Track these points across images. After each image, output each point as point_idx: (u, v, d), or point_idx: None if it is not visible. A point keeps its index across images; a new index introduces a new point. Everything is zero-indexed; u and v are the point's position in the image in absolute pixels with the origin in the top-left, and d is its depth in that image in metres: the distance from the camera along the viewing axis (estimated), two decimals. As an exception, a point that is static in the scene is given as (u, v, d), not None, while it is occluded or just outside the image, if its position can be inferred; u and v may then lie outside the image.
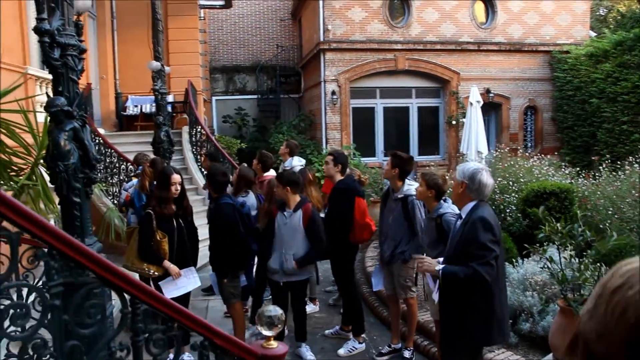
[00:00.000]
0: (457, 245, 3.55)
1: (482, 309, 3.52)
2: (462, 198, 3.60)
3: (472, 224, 3.44)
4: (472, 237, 3.43)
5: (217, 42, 21.43)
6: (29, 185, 4.43)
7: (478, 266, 3.36)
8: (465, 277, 3.41)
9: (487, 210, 3.58)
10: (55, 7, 3.45)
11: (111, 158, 9.72)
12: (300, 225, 4.94)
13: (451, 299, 3.60)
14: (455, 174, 3.69)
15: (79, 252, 1.77)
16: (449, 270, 3.49)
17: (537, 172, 8.34)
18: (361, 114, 16.53)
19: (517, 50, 16.62)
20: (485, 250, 3.40)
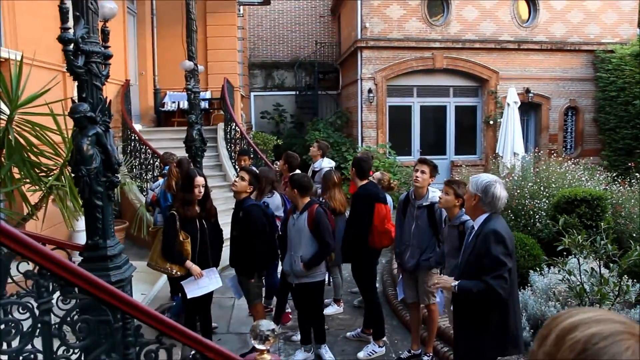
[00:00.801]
0: (470, 258, 3.53)
1: (496, 323, 3.49)
2: (475, 210, 3.57)
3: (485, 237, 3.41)
4: (484, 251, 3.40)
5: (256, 38, 21.61)
6: (57, 185, 4.59)
7: (491, 280, 3.34)
8: (479, 292, 3.39)
9: (500, 223, 3.53)
10: (80, 16, 3.57)
11: (145, 154, 9.94)
12: (306, 226, 4.97)
13: (465, 313, 3.59)
14: (468, 186, 3.65)
15: (68, 271, 1.83)
16: (464, 286, 3.48)
17: (570, 177, 8.14)
18: (398, 112, 16.45)
19: (558, 50, 16.22)
20: (498, 264, 3.36)
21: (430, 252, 5.00)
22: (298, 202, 5.10)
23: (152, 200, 6.56)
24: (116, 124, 11.26)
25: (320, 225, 4.98)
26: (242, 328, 6.03)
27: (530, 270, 5.90)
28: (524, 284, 5.94)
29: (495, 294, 3.35)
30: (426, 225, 5.00)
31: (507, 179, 8.44)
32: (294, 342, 5.78)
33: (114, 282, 3.77)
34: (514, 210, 7.64)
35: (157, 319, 2.05)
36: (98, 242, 3.80)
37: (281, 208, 6.16)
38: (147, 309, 2.06)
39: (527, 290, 5.65)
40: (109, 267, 3.80)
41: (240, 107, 16.17)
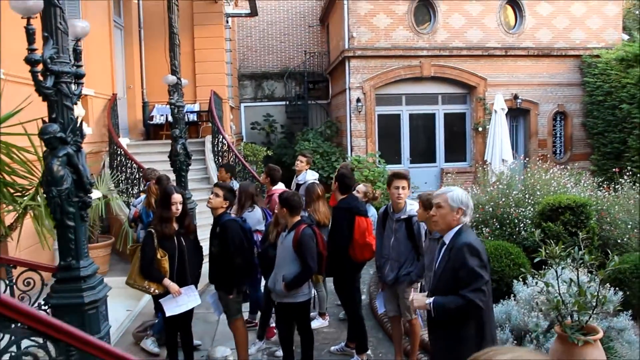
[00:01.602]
0: (444, 273, 3.46)
1: (473, 334, 3.43)
2: (450, 224, 3.49)
3: (459, 251, 3.36)
4: (459, 265, 3.34)
5: (245, 49, 21.64)
6: (32, 205, 4.56)
7: (470, 294, 3.28)
8: (458, 308, 3.33)
9: (472, 235, 3.51)
10: (48, 37, 3.54)
11: (131, 169, 9.91)
12: (291, 247, 4.86)
13: (441, 329, 3.53)
14: (441, 201, 3.51)
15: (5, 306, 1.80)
16: (440, 303, 3.39)
17: (555, 184, 8.15)
18: (387, 120, 16.46)
19: (545, 55, 16.28)
20: (476, 277, 3.31)
21: (410, 265, 4.97)
22: (287, 221, 5.00)
23: (135, 217, 6.53)
24: (103, 138, 11.25)
25: (303, 247, 4.81)
26: (226, 344, 5.94)
27: (514, 280, 5.87)
28: (508, 294, 5.92)
29: (475, 308, 3.31)
30: (405, 238, 4.98)
31: (491, 187, 8.44)
32: (277, 358, 5.74)
33: (87, 302, 3.76)
34: (499, 218, 7.65)
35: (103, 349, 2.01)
36: (71, 263, 3.78)
37: (262, 222, 6.12)
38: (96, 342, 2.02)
39: (510, 301, 5.63)
40: (82, 287, 3.77)
41: (230, 119, 16.17)
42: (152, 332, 5.86)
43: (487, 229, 7.57)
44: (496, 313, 5.47)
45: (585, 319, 3.98)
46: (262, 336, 6.08)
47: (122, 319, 6.67)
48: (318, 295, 6.63)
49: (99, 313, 3.90)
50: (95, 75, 11.05)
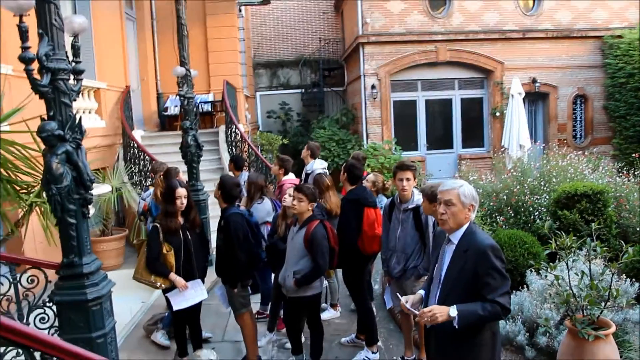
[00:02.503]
0: (460, 278, 3.16)
1: (489, 341, 3.26)
2: (460, 222, 3.20)
3: (482, 254, 3.09)
4: (484, 269, 3.08)
5: (260, 38, 21.54)
6: (37, 202, 4.56)
7: (500, 299, 3.07)
8: (490, 315, 3.07)
9: (485, 233, 3.30)
10: (43, 34, 3.50)
11: (144, 161, 9.93)
12: (302, 243, 4.80)
13: (454, 336, 3.16)
14: (452, 198, 3.19)
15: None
16: (468, 311, 3.06)
17: (572, 170, 7.97)
18: (402, 107, 16.31)
19: (565, 37, 15.93)
20: (504, 281, 3.13)
21: (417, 258, 4.87)
22: (303, 211, 4.87)
23: (144, 210, 6.52)
24: (117, 131, 11.28)
25: (314, 245, 4.75)
26: (237, 336, 5.95)
27: (528, 271, 5.75)
28: (522, 284, 5.81)
29: (506, 312, 3.13)
30: (412, 229, 4.88)
31: (506, 174, 8.29)
32: (287, 350, 5.71)
33: (90, 299, 3.75)
34: (514, 206, 7.51)
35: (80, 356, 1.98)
36: (73, 260, 3.77)
37: (272, 214, 6.08)
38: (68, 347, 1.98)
39: (523, 291, 5.53)
40: (86, 284, 3.76)
41: (245, 108, 16.14)
42: (162, 325, 5.87)
43: (502, 217, 7.44)
44: (508, 304, 5.38)
45: (597, 313, 3.86)
46: (272, 328, 6.05)
47: (136, 311, 6.70)
48: (330, 286, 6.59)
49: (103, 309, 3.89)
50: (107, 68, 11.08)
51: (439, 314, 3.05)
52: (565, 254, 4.00)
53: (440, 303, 3.17)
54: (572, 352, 3.82)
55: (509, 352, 5.03)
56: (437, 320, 3.05)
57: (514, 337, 5.01)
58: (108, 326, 3.92)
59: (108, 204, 8.70)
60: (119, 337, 5.46)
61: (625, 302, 3.97)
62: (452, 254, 3.24)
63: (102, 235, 8.97)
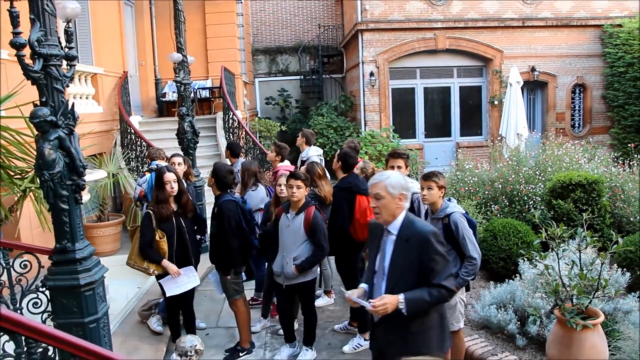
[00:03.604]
0: (403, 267, 3.17)
1: (437, 326, 3.30)
2: (395, 212, 3.20)
3: (424, 241, 3.12)
4: (428, 256, 3.11)
5: (259, 24, 21.42)
6: (31, 188, 4.57)
7: (445, 282, 3.11)
8: (436, 299, 3.12)
9: (422, 220, 3.33)
10: (35, 19, 3.49)
11: (141, 147, 9.93)
12: (302, 229, 4.84)
13: (402, 322, 3.17)
14: (380, 191, 3.18)
15: None
16: (415, 298, 3.09)
17: (568, 159, 7.98)
18: (401, 94, 16.28)
19: (565, 26, 15.84)
20: (447, 264, 3.17)
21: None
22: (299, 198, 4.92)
23: (140, 196, 6.53)
24: (114, 116, 11.27)
25: (317, 229, 4.84)
26: (231, 322, 5.98)
27: (520, 260, 5.79)
28: (515, 273, 5.85)
29: (451, 294, 3.20)
30: None
31: (501, 163, 8.30)
32: (280, 336, 5.75)
33: (82, 284, 3.77)
34: (509, 195, 7.52)
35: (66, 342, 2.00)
36: (66, 246, 3.79)
37: (266, 200, 6.09)
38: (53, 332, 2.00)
39: (516, 280, 5.57)
40: (78, 270, 3.79)
41: (244, 94, 16.10)
42: (157, 311, 5.91)
43: (496, 206, 7.46)
44: (500, 293, 5.43)
45: (585, 302, 3.89)
46: (266, 314, 6.09)
47: (131, 297, 6.74)
48: (323, 273, 6.61)
49: (96, 294, 3.91)
50: (105, 53, 11.04)
51: (389, 304, 3.06)
52: (555, 244, 4.02)
53: (388, 293, 3.16)
54: (560, 341, 3.86)
55: (500, 341, 5.07)
56: (388, 311, 3.05)
57: (505, 326, 5.05)
58: (101, 311, 3.95)
59: (105, 189, 8.71)
60: (113, 323, 5.50)
61: (615, 292, 3.99)
62: (394, 244, 3.23)
63: (99, 221, 8.99)
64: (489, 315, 5.21)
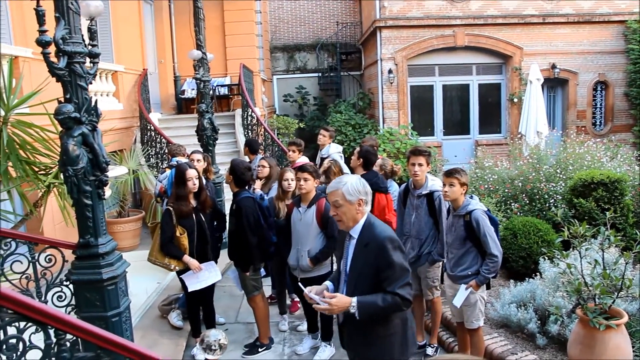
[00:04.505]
0: (363, 271, 3.12)
1: (399, 334, 3.26)
2: (356, 217, 3.14)
3: (381, 247, 3.05)
4: (384, 261, 3.04)
5: (277, 21, 21.45)
6: (55, 184, 4.63)
7: (400, 290, 3.04)
8: (388, 306, 3.05)
9: (384, 226, 3.23)
10: (60, 17, 3.54)
11: (161, 144, 10.01)
12: (314, 221, 4.88)
13: (363, 328, 3.17)
14: (338, 199, 3.09)
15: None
16: (367, 302, 3.03)
17: (589, 158, 7.88)
18: (419, 92, 16.20)
19: (587, 22, 15.61)
20: (404, 272, 3.09)
21: (431, 243, 4.89)
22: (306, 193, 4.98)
23: (161, 192, 6.58)
24: (134, 113, 11.37)
25: (331, 220, 4.84)
26: (249, 318, 6.02)
27: (541, 258, 5.74)
28: (535, 272, 5.80)
29: (407, 303, 3.11)
30: (426, 215, 4.89)
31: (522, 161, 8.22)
32: (299, 332, 5.78)
33: (105, 279, 3.82)
34: (529, 193, 7.46)
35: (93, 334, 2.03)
36: (89, 241, 3.84)
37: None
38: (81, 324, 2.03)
39: (536, 279, 5.52)
40: (101, 264, 3.84)
41: (262, 91, 16.15)
42: (177, 306, 5.96)
43: (516, 204, 7.40)
44: (520, 291, 5.39)
45: (608, 302, 3.85)
46: (284, 311, 6.11)
47: (151, 292, 6.80)
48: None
49: (118, 289, 3.96)
50: (125, 51, 11.14)
51: (336, 305, 3.01)
52: (578, 243, 3.98)
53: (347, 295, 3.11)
54: (582, 341, 3.82)
55: (519, 340, 5.03)
56: (334, 311, 3.00)
57: (525, 325, 5.00)
58: (123, 305, 4.00)
59: (125, 185, 8.80)
60: (134, 317, 5.56)
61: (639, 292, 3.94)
62: (354, 248, 3.19)
63: (119, 217, 9.09)
64: (508, 314, 5.18)
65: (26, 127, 4.48)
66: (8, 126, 4.39)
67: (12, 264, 4.13)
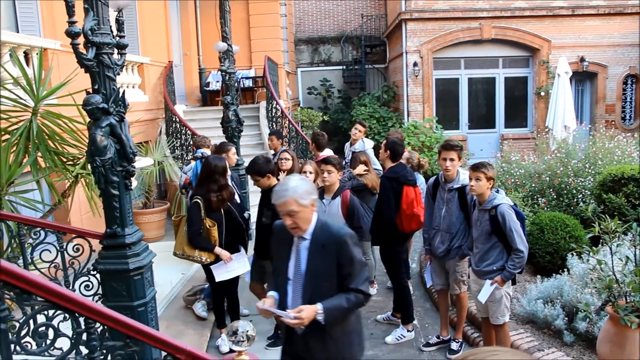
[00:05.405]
0: (322, 272, 3.00)
1: (356, 325, 3.21)
2: (310, 220, 3.01)
3: (341, 244, 2.98)
4: (346, 259, 2.97)
5: (302, 14, 21.41)
6: (82, 174, 4.69)
7: (362, 286, 3.00)
8: (354, 305, 3.00)
9: (338, 224, 3.17)
10: (89, 8, 3.56)
11: (186, 136, 10.07)
12: (339, 212, 4.89)
13: (323, 329, 2.98)
14: (293, 207, 2.91)
15: (23, 281, 1.83)
16: (333, 306, 2.92)
17: (619, 152, 7.71)
18: (445, 85, 16.05)
19: (618, 13, 15.24)
20: (364, 267, 3.07)
21: (461, 237, 4.83)
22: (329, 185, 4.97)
23: (185, 184, 6.62)
24: (159, 105, 11.46)
25: (356, 212, 4.91)
26: (273, 309, 6.05)
27: (569, 254, 5.65)
28: (562, 268, 5.71)
29: (368, 298, 3.07)
30: (457, 209, 4.82)
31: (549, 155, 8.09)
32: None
33: (132, 269, 3.85)
34: (557, 188, 7.34)
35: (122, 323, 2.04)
36: (116, 231, 3.87)
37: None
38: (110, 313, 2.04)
39: (564, 275, 5.43)
40: (128, 254, 3.87)
41: (286, 84, 16.15)
42: (203, 296, 6.00)
43: (543, 199, 7.29)
44: (548, 287, 5.31)
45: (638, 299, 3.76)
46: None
47: (176, 283, 6.86)
48: (366, 263, 6.59)
49: (144, 279, 4.00)
50: (150, 43, 11.22)
51: (306, 317, 2.82)
52: (609, 239, 3.90)
53: (306, 301, 2.95)
54: (612, 339, 3.75)
55: (546, 336, 4.96)
56: (304, 323, 2.82)
57: (552, 321, 4.93)
58: (149, 295, 4.03)
59: (150, 177, 8.88)
60: (159, 307, 5.60)
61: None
62: (309, 250, 3.04)
63: (144, 208, 9.18)
64: (535, 310, 5.11)
65: (55, 118, 4.53)
66: (37, 117, 4.45)
67: (41, 252, 4.20)
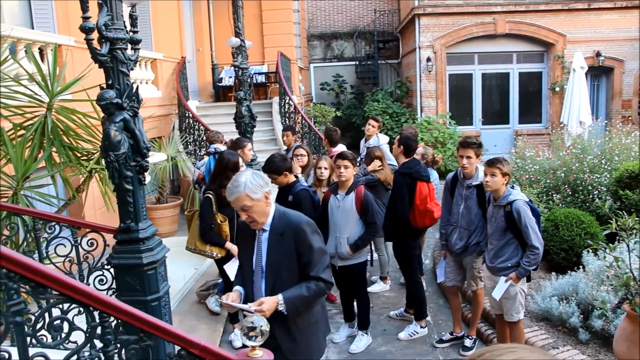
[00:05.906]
0: (283, 261, 3.00)
1: (322, 318, 3.23)
2: (267, 211, 3.01)
3: (299, 232, 2.98)
4: (305, 246, 2.97)
5: (314, 9, 21.38)
6: (96, 169, 4.71)
7: (323, 274, 2.99)
8: (315, 293, 2.99)
9: (297, 212, 3.16)
10: (102, 4, 3.57)
11: (199, 131, 10.09)
12: (354, 208, 4.87)
13: (288, 320, 2.99)
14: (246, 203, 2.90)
15: (39, 274, 1.84)
16: (294, 296, 2.91)
17: (636, 148, 7.62)
18: (458, 80, 15.96)
19: (635, 7, 14.98)
20: (323, 255, 3.05)
21: (480, 234, 4.78)
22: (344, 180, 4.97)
23: (198, 179, 6.64)
24: (172, 101, 11.49)
25: (370, 207, 4.90)
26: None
27: (585, 251, 5.58)
28: (577, 265, 5.65)
29: (329, 286, 3.07)
30: (476, 206, 4.77)
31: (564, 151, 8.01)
32: (334, 320, 5.76)
33: (145, 264, 3.87)
34: (572, 184, 7.26)
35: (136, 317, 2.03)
36: (130, 225, 3.89)
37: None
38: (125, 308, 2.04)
39: (579, 272, 5.37)
40: (141, 249, 3.89)
41: (299, 79, 16.14)
42: (216, 291, 6.01)
43: (558, 195, 7.22)
44: (563, 285, 5.26)
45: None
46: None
47: (189, 277, 6.89)
48: (380, 259, 6.59)
49: (158, 274, 4.01)
50: (164, 39, 11.25)
51: (267, 309, 2.81)
52: (626, 235, 3.85)
53: (268, 292, 2.97)
54: (629, 337, 3.69)
55: (560, 334, 4.91)
56: (267, 315, 2.76)
57: (567, 319, 4.88)
58: (162, 290, 4.05)
59: (163, 172, 8.91)
60: (172, 302, 5.62)
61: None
62: (268, 240, 3.05)
63: (158, 203, 9.21)
64: (549, 307, 5.06)
65: (69, 114, 4.55)
66: (52, 112, 4.47)
67: (56, 247, 4.23)
